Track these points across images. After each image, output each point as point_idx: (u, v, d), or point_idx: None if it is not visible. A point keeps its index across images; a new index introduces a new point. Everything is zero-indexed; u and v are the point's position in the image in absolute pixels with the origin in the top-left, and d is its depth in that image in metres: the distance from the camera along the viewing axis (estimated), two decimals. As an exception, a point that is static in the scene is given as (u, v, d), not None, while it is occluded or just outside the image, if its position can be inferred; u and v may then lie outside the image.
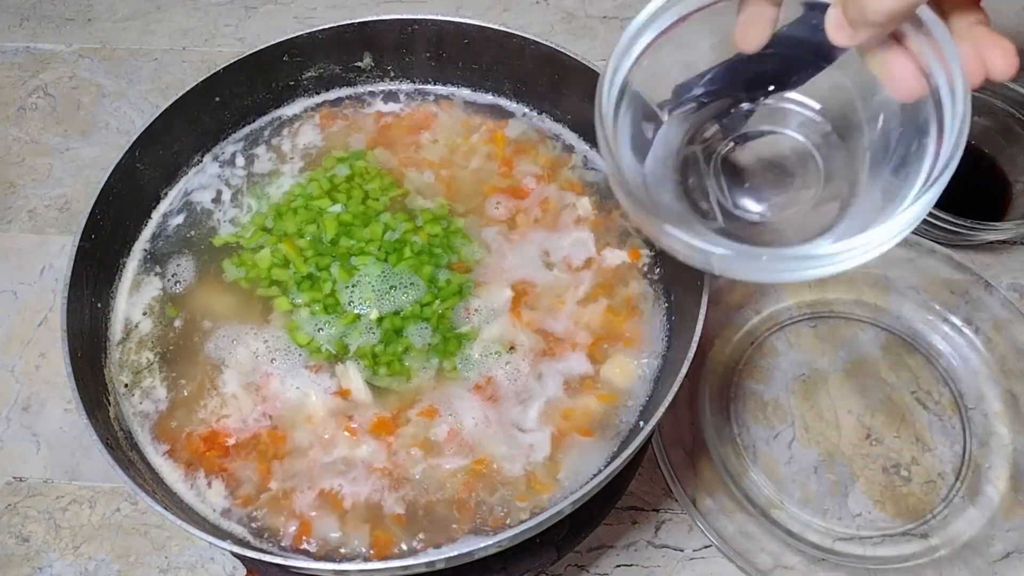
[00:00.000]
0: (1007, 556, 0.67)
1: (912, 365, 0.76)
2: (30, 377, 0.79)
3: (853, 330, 0.78)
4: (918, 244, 0.79)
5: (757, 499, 0.70)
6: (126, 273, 0.62)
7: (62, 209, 0.88)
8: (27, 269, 0.85)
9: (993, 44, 0.40)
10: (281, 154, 0.67)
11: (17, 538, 0.71)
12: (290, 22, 1.02)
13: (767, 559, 0.67)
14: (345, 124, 0.68)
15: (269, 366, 0.57)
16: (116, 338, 0.59)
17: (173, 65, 0.98)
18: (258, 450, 0.55)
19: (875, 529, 0.69)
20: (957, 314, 0.77)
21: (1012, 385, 0.74)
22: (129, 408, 0.57)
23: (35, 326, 0.81)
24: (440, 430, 0.55)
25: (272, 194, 0.64)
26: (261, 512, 0.53)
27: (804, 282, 0.79)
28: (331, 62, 0.67)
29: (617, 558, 0.70)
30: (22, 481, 0.74)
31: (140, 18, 1.02)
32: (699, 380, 0.75)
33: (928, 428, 0.73)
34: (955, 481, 0.71)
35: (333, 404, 0.56)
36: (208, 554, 0.70)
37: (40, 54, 1.00)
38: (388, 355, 0.57)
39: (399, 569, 0.47)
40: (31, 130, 0.94)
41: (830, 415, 0.74)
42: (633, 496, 0.72)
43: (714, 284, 0.54)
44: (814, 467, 0.72)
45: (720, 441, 0.73)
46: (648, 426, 0.50)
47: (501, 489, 0.54)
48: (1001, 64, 0.40)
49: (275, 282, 0.60)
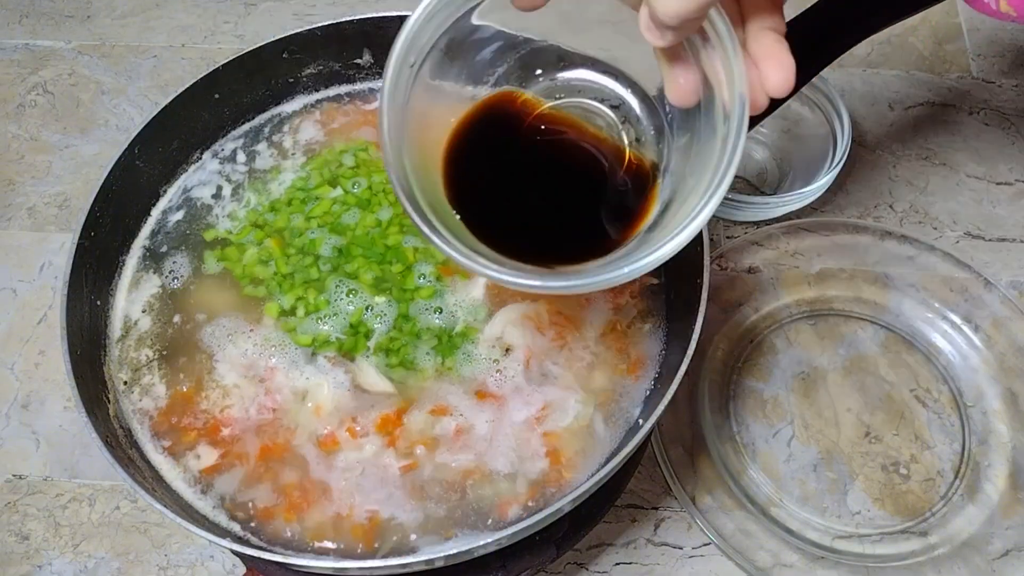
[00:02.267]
0: (1006, 554, 0.67)
1: (911, 363, 0.76)
2: (29, 375, 0.79)
3: (852, 328, 0.78)
4: (917, 241, 0.79)
5: (756, 497, 0.70)
6: (125, 270, 0.62)
7: (61, 206, 0.88)
8: (26, 267, 0.85)
9: (771, 56, 0.39)
10: (282, 150, 0.67)
11: (17, 536, 0.71)
12: (289, 19, 1.02)
13: (766, 557, 0.67)
14: (346, 120, 0.68)
15: (269, 361, 0.57)
16: (115, 335, 0.59)
17: (172, 62, 0.98)
18: (259, 447, 0.55)
19: (874, 527, 0.69)
20: (957, 312, 0.77)
21: (1011, 383, 0.74)
22: (128, 405, 0.57)
23: (34, 324, 0.81)
24: (445, 427, 0.55)
25: (273, 190, 0.65)
26: (261, 510, 0.53)
27: (803, 280, 0.80)
28: (331, 59, 0.67)
29: (616, 556, 0.70)
30: (21, 479, 0.74)
31: (139, 15, 1.02)
32: (698, 378, 0.75)
33: (927, 426, 0.73)
34: (954, 479, 0.71)
35: (339, 398, 0.56)
36: (208, 552, 0.70)
37: (39, 51, 0.99)
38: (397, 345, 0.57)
39: (398, 567, 0.47)
40: (30, 127, 0.94)
41: (829, 413, 0.74)
42: (632, 494, 0.72)
43: (713, 281, 0.54)
44: (813, 465, 0.72)
45: (719, 439, 0.73)
46: (647, 424, 0.50)
47: (501, 487, 0.54)
48: (774, 79, 0.38)
49: (257, 280, 0.60)
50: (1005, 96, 0.92)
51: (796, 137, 0.85)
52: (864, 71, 0.94)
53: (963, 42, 0.96)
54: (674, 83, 0.40)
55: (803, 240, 0.81)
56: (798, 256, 0.81)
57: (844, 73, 0.94)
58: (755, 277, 0.80)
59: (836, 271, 0.80)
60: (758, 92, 0.38)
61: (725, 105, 0.38)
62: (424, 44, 0.43)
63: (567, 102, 0.48)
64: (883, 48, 0.96)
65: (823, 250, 0.80)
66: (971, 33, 0.96)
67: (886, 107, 0.92)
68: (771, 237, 0.80)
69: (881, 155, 0.88)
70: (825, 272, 0.80)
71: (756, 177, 0.86)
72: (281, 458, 0.55)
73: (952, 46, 0.95)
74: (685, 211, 0.40)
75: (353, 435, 0.55)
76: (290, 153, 0.66)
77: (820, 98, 0.82)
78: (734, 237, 0.81)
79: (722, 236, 0.83)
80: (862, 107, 0.92)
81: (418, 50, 0.42)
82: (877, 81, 0.93)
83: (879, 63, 0.95)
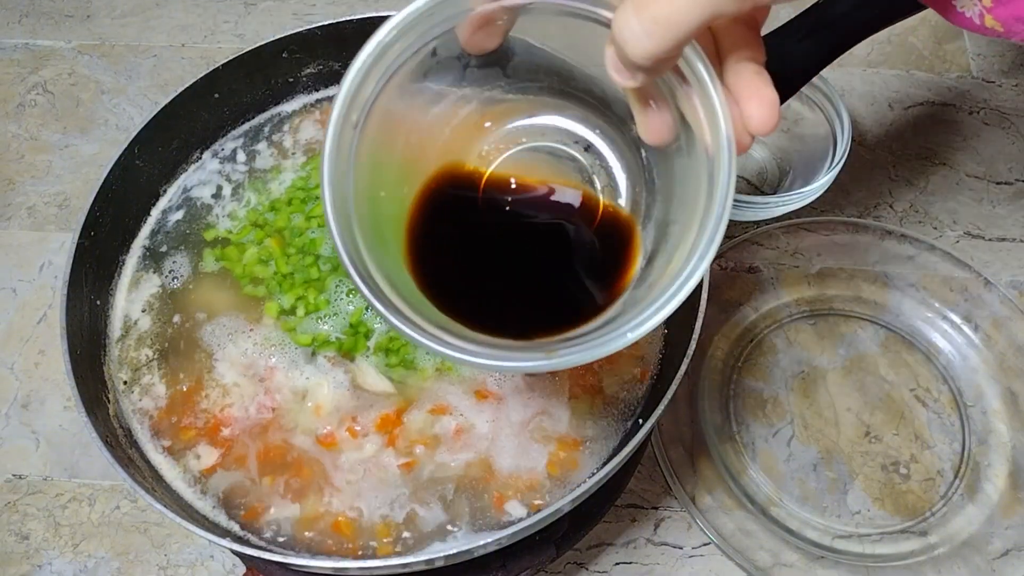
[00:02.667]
0: (1006, 554, 0.67)
1: (911, 362, 0.76)
2: (29, 374, 0.79)
3: (852, 327, 0.78)
4: (917, 241, 0.79)
5: (756, 497, 0.70)
6: (125, 270, 0.62)
7: (61, 206, 0.88)
8: (26, 266, 0.85)
9: (752, 93, 0.35)
10: (282, 150, 0.67)
11: (16, 536, 0.71)
12: (289, 19, 1.02)
13: (766, 556, 0.67)
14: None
15: (269, 361, 0.57)
16: (115, 335, 0.59)
17: (172, 62, 0.98)
18: (259, 447, 0.55)
19: (874, 527, 0.69)
20: (956, 311, 0.77)
21: (1011, 383, 0.74)
22: (128, 405, 0.57)
23: (34, 323, 0.81)
24: (444, 426, 0.55)
25: (274, 189, 0.65)
26: (261, 509, 0.53)
27: (802, 280, 0.80)
28: (331, 59, 0.67)
29: (616, 555, 0.70)
30: (21, 479, 0.74)
31: (139, 14, 1.02)
32: (698, 378, 0.75)
33: (927, 426, 0.73)
34: (954, 479, 0.71)
35: (339, 397, 0.56)
36: (208, 552, 0.70)
37: (39, 51, 0.99)
38: (397, 344, 0.57)
39: (398, 567, 0.47)
40: (30, 127, 0.94)
41: (829, 413, 0.74)
42: (632, 494, 0.72)
43: (712, 281, 0.54)
44: (813, 465, 0.72)
45: (719, 439, 0.73)
46: (647, 424, 0.50)
47: (501, 486, 0.54)
48: (757, 117, 0.35)
49: (257, 279, 0.60)
50: (1005, 96, 0.92)
51: (796, 137, 0.85)
52: (864, 71, 0.94)
53: (963, 42, 0.96)
54: (646, 123, 0.38)
55: (803, 239, 0.81)
56: (798, 255, 0.81)
57: (844, 73, 0.94)
58: (755, 276, 0.80)
59: (836, 270, 0.80)
60: (741, 132, 0.36)
61: (708, 148, 0.36)
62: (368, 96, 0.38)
63: (532, 146, 0.44)
64: (883, 48, 0.96)
65: (823, 249, 0.80)
66: (971, 33, 0.96)
67: (886, 107, 0.92)
68: (771, 237, 0.80)
69: (881, 155, 0.88)
70: (825, 271, 0.80)
71: (756, 177, 0.86)
72: (281, 458, 0.55)
73: (952, 46, 0.95)
74: (675, 266, 0.37)
75: (353, 435, 0.55)
76: (290, 153, 0.66)
77: (820, 98, 0.82)
78: (734, 237, 0.80)
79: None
80: (862, 107, 0.92)
81: (361, 104, 0.38)
82: (877, 81, 0.93)
83: (879, 63, 0.95)
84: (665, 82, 0.37)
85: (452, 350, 0.37)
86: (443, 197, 0.44)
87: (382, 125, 0.40)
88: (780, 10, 0.42)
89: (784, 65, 0.56)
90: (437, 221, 0.43)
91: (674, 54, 0.33)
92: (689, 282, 0.36)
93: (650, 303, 0.37)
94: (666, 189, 0.42)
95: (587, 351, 0.37)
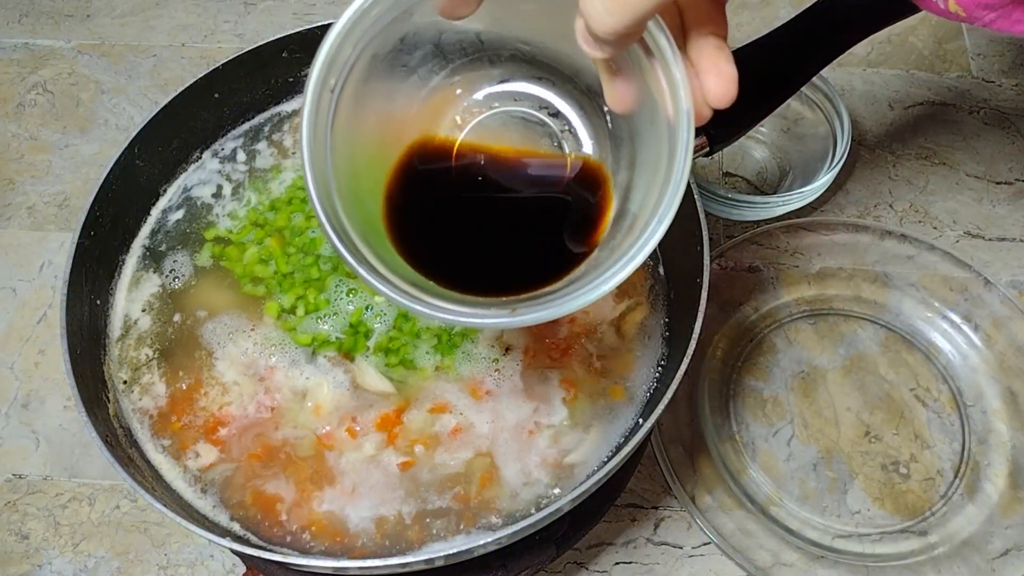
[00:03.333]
0: (1006, 553, 0.67)
1: (911, 362, 0.76)
2: (29, 374, 0.79)
3: (852, 327, 0.78)
4: (917, 241, 0.79)
5: (756, 496, 0.70)
6: (125, 269, 0.62)
7: (61, 206, 0.88)
8: (26, 266, 0.85)
9: (711, 66, 0.37)
10: (283, 149, 0.67)
11: (16, 535, 0.71)
12: (289, 18, 1.02)
13: (766, 556, 0.67)
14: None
15: (269, 360, 0.57)
16: (115, 335, 0.59)
17: (172, 61, 0.98)
18: (259, 446, 0.55)
19: (874, 526, 0.69)
20: (956, 311, 0.77)
21: (1011, 382, 0.74)
22: (128, 405, 0.57)
23: (34, 323, 0.81)
24: (444, 425, 0.55)
25: (274, 189, 0.65)
26: (261, 509, 0.53)
27: (802, 279, 0.80)
28: (330, 59, 0.67)
29: (616, 555, 0.70)
30: (21, 478, 0.74)
31: (139, 14, 1.02)
32: (698, 377, 0.75)
33: (927, 425, 0.73)
34: (954, 478, 0.71)
35: (339, 397, 0.56)
36: (208, 551, 0.70)
37: (39, 50, 0.99)
38: (397, 344, 0.57)
39: (398, 566, 0.47)
40: (30, 126, 0.94)
41: (829, 412, 0.74)
42: (632, 493, 0.72)
43: (712, 281, 0.54)
44: (813, 464, 0.72)
45: (719, 438, 0.73)
46: (647, 424, 0.50)
47: (501, 485, 0.54)
48: (715, 90, 0.37)
49: (258, 279, 0.60)
50: (1005, 96, 0.92)
51: (796, 136, 0.85)
52: (864, 71, 0.94)
53: (963, 41, 0.96)
54: (613, 92, 0.39)
55: (803, 239, 0.81)
56: (798, 255, 0.81)
57: (844, 73, 0.94)
58: (755, 276, 0.80)
59: (836, 270, 0.80)
60: (700, 104, 0.37)
61: (669, 118, 0.37)
62: (346, 61, 0.40)
63: (503, 110, 0.46)
64: (883, 48, 0.96)
65: (823, 249, 0.80)
66: (971, 32, 0.96)
67: (886, 106, 0.92)
68: (771, 236, 0.80)
69: (881, 155, 0.88)
70: (825, 271, 0.80)
71: (756, 176, 0.86)
72: (281, 457, 0.55)
73: (952, 45, 0.95)
74: (636, 230, 0.38)
75: (352, 434, 0.55)
76: (290, 152, 0.66)
77: (820, 98, 0.82)
78: (734, 236, 0.80)
79: (722, 235, 0.83)
80: (862, 107, 0.92)
81: (339, 69, 0.40)
82: (877, 80, 0.93)
83: (879, 63, 0.95)
84: (632, 54, 0.38)
85: (413, 301, 0.39)
86: (418, 165, 0.45)
87: (359, 92, 0.41)
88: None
89: (784, 65, 0.56)
90: (413, 187, 0.45)
91: (636, 30, 0.34)
92: (648, 245, 0.37)
93: (611, 264, 0.38)
94: (630, 156, 0.43)
95: (546, 310, 0.38)
